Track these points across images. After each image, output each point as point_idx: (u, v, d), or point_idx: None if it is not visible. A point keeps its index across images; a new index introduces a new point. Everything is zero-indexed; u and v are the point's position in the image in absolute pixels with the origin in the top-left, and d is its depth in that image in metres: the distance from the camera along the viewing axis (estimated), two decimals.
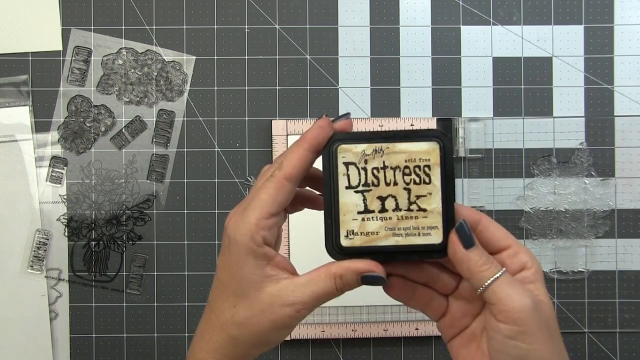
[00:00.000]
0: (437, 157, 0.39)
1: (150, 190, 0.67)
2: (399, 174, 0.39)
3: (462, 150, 0.67)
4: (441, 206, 0.39)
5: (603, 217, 0.68)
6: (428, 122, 0.67)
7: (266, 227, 0.40)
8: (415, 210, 0.39)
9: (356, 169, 0.40)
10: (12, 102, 0.67)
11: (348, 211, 0.40)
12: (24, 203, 0.67)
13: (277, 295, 0.40)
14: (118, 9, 0.68)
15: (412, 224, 0.39)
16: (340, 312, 0.65)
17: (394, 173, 0.39)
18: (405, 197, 0.39)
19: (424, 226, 0.39)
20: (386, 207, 0.40)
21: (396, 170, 0.39)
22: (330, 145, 0.40)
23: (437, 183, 0.39)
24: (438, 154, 0.39)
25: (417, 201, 0.39)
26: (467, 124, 0.67)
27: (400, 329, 0.65)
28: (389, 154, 0.39)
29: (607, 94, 0.68)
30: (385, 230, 0.40)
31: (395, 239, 0.40)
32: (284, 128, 0.66)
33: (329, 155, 0.40)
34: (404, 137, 0.40)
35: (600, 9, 0.68)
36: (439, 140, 0.39)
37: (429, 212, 0.39)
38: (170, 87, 0.67)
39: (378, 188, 0.40)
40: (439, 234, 0.39)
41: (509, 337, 0.37)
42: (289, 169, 0.40)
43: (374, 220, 0.40)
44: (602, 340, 0.67)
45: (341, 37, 0.68)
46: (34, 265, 0.66)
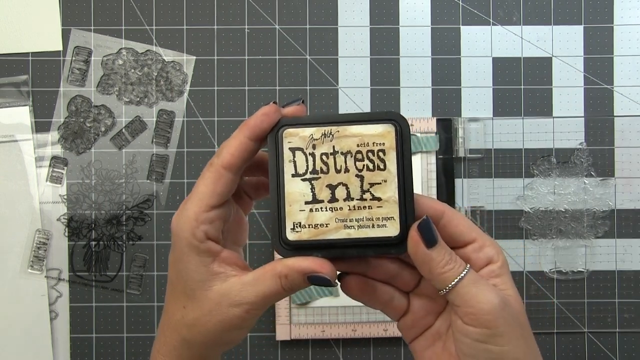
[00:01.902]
0: (393, 141, 0.35)
1: (150, 190, 0.67)
2: (350, 160, 0.36)
3: (462, 151, 0.67)
4: (398, 195, 0.35)
5: (603, 217, 0.68)
6: (428, 122, 0.67)
7: (207, 220, 0.37)
8: (369, 199, 0.35)
9: (303, 155, 0.36)
10: (12, 102, 0.67)
11: (295, 201, 0.36)
12: (24, 203, 0.67)
13: (224, 294, 0.37)
14: (118, 9, 0.68)
15: (366, 215, 0.35)
16: (340, 312, 0.65)
17: (345, 159, 0.36)
18: (358, 185, 0.36)
19: (378, 217, 0.35)
20: (336, 197, 0.36)
21: (347, 155, 0.36)
22: (277, 129, 0.36)
23: (393, 169, 0.35)
24: (394, 137, 0.35)
25: (371, 189, 0.35)
26: (466, 124, 0.67)
27: None
28: (339, 137, 0.36)
29: (606, 94, 0.68)
30: (336, 222, 0.36)
31: (347, 232, 0.36)
32: None
33: (275, 140, 0.36)
34: (356, 119, 0.36)
35: (600, 9, 0.68)
36: (395, 122, 0.36)
37: (384, 201, 0.35)
38: (170, 87, 0.68)
39: (327, 175, 0.36)
40: (395, 226, 0.35)
41: (478, 341, 0.35)
42: (227, 157, 0.37)
43: (323, 210, 0.36)
44: (602, 340, 0.67)
45: (341, 37, 0.68)
46: (34, 265, 0.66)
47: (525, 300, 0.67)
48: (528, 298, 0.67)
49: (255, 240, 0.67)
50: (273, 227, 0.36)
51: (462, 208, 0.67)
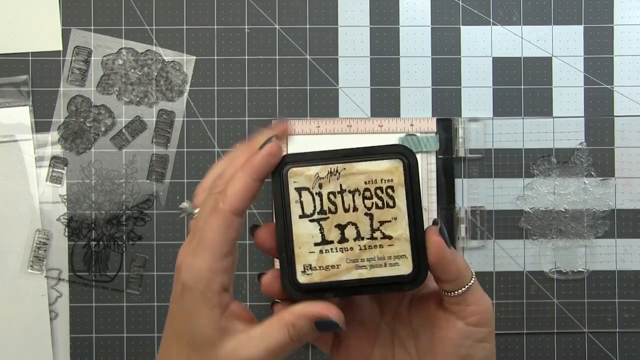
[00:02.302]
0: (401, 177, 0.34)
1: (150, 190, 0.67)
2: (358, 198, 0.35)
3: (462, 150, 0.67)
4: (408, 232, 0.35)
5: (603, 217, 0.68)
6: (428, 122, 0.67)
7: (221, 270, 0.35)
8: (380, 238, 0.35)
9: (310, 195, 0.35)
10: (12, 102, 0.67)
11: (304, 243, 0.35)
12: (24, 203, 0.67)
13: (232, 351, 0.36)
14: (118, 9, 0.68)
15: (377, 254, 0.35)
16: None
17: (353, 197, 0.35)
18: (368, 224, 0.35)
19: (390, 255, 0.35)
20: (346, 237, 0.35)
21: (355, 193, 0.35)
22: (280, 168, 0.35)
23: (403, 206, 0.35)
24: (402, 172, 0.34)
25: (381, 228, 0.35)
26: (466, 124, 0.67)
27: None
28: (346, 175, 0.35)
29: (606, 94, 0.68)
30: (347, 262, 0.35)
31: (359, 272, 0.35)
32: None
33: (280, 180, 0.36)
34: (363, 155, 0.35)
35: (600, 9, 0.68)
36: (402, 157, 0.35)
37: (395, 239, 0.35)
38: (170, 87, 0.68)
39: (336, 215, 0.35)
40: (408, 263, 0.35)
41: (478, 340, 0.35)
42: (235, 203, 0.35)
43: (334, 251, 0.35)
44: (602, 340, 0.67)
45: (341, 37, 0.68)
46: (34, 265, 0.66)
47: (525, 300, 0.67)
48: (528, 298, 0.67)
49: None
50: (282, 269, 0.36)
51: (462, 208, 0.67)
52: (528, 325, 0.67)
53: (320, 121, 0.67)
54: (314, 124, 0.67)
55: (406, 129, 0.67)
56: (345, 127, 0.67)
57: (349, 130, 0.67)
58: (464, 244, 0.67)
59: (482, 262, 0.67)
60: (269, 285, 0.37)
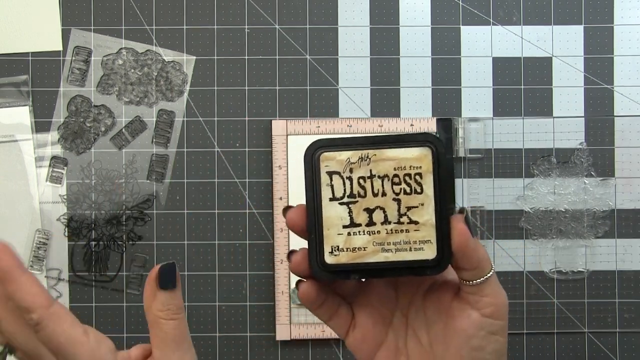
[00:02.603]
0: (430, 164, 0.36)
1: (150, 190, 0.67)
2: (387, 184, 0.36)
3: (462, 151, 0.67)
4: (434, 218, 0.36)
5: (603, 217, 0.68)
6: (428, 122, 0.67)
7: None
8: (406, 223, 0.36)
9: (341, 179, 0.36)
10: (12, 102, 0.67)
11: (332, 225, 0.36)
12: (24, 203, 0.67)
13: None
14: (118, 9, 0.68)
15: (403, 238, 0.36)
16: None
17: (382, 182, 0.36)
18: (395, 209, 0.36)
19: (415, 240, 0.36)
20: (374, 220, 0.36)
21: (384, 179, 0.36)
22: (313, 152, 0.37)
23: (430, 192, 0.36)
24: (430, 160, 0.36)
25: (408, 213, 0.36)
26: (467, 124, 0.67)
27: None
28: (377, 161, 0.36)
29: (606, 94, 0.68)
30: (374, 245, 0.36)
31: (384, 255, 0.36)
32: (283, 128, 0.66)
33: (312, 164, 0.37)
34: (393, 142, 0.36)
35: (600, 9, 0.68)
36: (431, 145, 0.36)
37: (421, 224, 0.36)
38: (170, 87, 0.68)
39: (365, 199, 0.36)
40: (432, 249, 0.36)
41: (492, 333, 0.36)
42: None
43: (361, 234, 0.36)
44: (602, 340, 0.67)
45: (341, 37, 0.68)
46: (34, 265, 0.66)
47: (525, 300, 0.67)
48: (528, 298, 0.67)
49: (255, 240, 0.67)
50: (310, 250, 0.36)
51: (462, 208, 0.67)
52: (528, 325, 0.67)
53: (320, 121, 0.67)
54: (314, 124, 0.67)
55: (406, 129, 0.67)
56: (345, 127, 0.67)
57: (349, 130, 0.67)
58: None
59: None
60: (298, 264, 0.37)
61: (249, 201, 0.67)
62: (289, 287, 0.65)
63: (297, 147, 0.66)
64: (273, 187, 0.66)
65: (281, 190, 0.66)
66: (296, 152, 0.66)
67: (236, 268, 0.67)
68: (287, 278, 0.65)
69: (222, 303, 0.67)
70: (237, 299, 0.67)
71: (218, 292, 0.67)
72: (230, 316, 0.67)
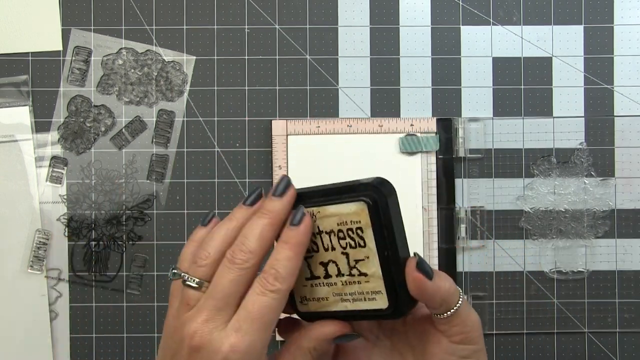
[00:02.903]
0: (367, 218, 0.35)
1: (150, 190, 0.67)
2: (334, 239, 0.37)
3: (462, 151, 0.67)
4: (380, 270, 0.35)
5: (603, 217, 0.68)
6: (428, 122, 0.67)
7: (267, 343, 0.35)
8: (357, 275, 0.36)
9: None
10: (12, 102, 0.67)
11: (299, 277, 0.37)
12: (24, 203, 0.67)
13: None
14: (118, 9, 0.68)
15: (357, 289, 0.37)
16: None
17: (329, 237, 0.37)
18: (345, 262, 0.37)
19: (367, 291, 0.36)
20: (329, 273, 0.37)
21: (331, 234, 0.37)
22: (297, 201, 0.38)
23: (372, 246, 0.35)
24: (367, 214, 0.35)
25: (357, 265, 0.36)
26: (466, 124, 0.67)
27: None
28: (322, 218, 0.37)
29: (607, 94, 0.68)
30: (333, 295, 0.37)
31: (344, 304, 0.37)
32: (283, 128, 0.66)
33: None
34: (334, 197, 0.36)
35: (600, 9, 0.68)
36: (367, 198, 0.35)
37: (369, 276, 0.36)
38: (170, 87, 0.68)
39: (318, 254, 0.37)
40: (383, 299, 0.36)
41: (463, 357, 0.37)
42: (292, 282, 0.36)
43: (321, 285, 0.38)
44: (602, 340, 0.67)
45: (341, 37, 0.68)
46: (34, 265, 0.66)
47: (525, 300, 0.67)
48: (528, 298, 0.67)
49: None
50: (290, 299, 0.39)
51: (462, 208, 0.67)
52: (528, 325, 0.67)
53: (320, 121, 0.67)
54: (314, 124, 0.67)
55: (406, 129, 0.67)
56: (345, 127, 0.67)
57: (349, 130, 0.67)
58: (464, 244, 0.67)
59: (482, 262, 0.67)
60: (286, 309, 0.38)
61: None
62: None
63: (297, 147, 0.66)
64: None
65: None
66: (296, 152, 0.66)
67: None
68: None
69: None
70: None
71: None
72: None
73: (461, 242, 0.67)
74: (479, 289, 0.67)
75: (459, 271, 0.67)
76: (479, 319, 0.38)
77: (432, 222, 0.66)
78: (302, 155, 0.66)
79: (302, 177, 0.66)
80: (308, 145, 0.66)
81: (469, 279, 0.67)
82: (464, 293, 0.65)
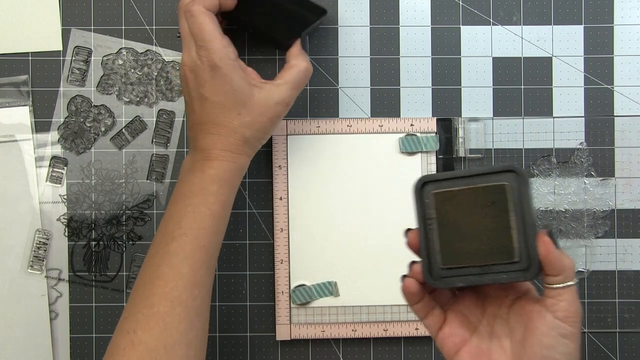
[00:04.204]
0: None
1: (150, 190, 0.67)
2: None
3: (462, 150, 0.67)
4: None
5: (603, 217, 0.68)
6: (428, 122, 0.67)
7: (228, 44, 0.53)
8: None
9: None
10: (12, 102, 0.67)
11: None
12: (24, 203, 0.67)
13: (267, 98, 0.54)
14: (118, 9, 0.68)
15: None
16: (340, 312, 0.65)
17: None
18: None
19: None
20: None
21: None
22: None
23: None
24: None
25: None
26: (466, 124, 0.67)
27: (400, 329, 0.65)
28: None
29: (607, 94, 0.68)
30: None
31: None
32: (283, 128, 0.66)
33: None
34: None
35: (600, 9, 0.68)
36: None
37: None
38: (170, 87, 0.68)
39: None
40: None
41: (562, 335, 0.42)
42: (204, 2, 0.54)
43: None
44: (602, 340, 0.67)
45: (341, 37, 0.68)
46: (34, 265, 0.66)
47: None
48: None
49: (255, 240, 0.67)
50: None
51: None
52: None
53: (320, 121, 0.67)
54: (314, 124, 0.67)
55: (406, 129, 0.67)
56: (345, 127, 0.67)
57: (349, 130, 0.67)
58: None
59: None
60: (416, 273, 0.46)
61: (249, 201, 0.67)
62: (289, 287, 0.65)
63: (297, 147, 0.66)
64: (273, 187, 0.66)
65: (281, 190, 0.66)
66: (296, 152, 0.66)
67: (236, 268, 0.67)
68: (287, 278, 0.65)
69: (222, 303, 0.67)
70: (237, 299, 0.67)
71: (218, 292, 0.67)
72: (230, 316, 0.67)
73: None
74: None
75: None
76: (582, 309, 0.43)
77: None
78: (302, 155, 0.66)
79: (302, 177, 0.66)
80: (308, 145, 0.66)
81: None
82: None
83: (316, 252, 0.66)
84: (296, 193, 0.66)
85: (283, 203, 0.65)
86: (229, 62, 0.52)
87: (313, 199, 0.66)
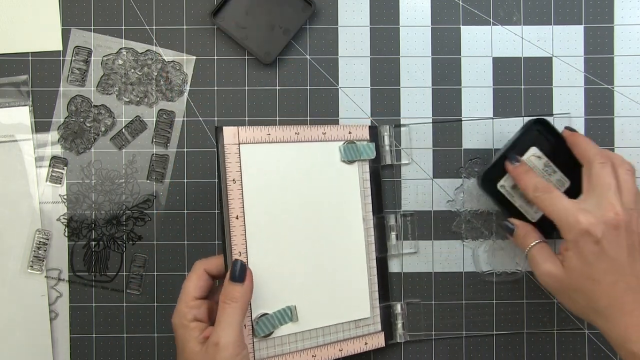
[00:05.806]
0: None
1: (150, 190, 0.67)
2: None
3: (388, 158, 0.66)
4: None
5: None
6: (362, 130, 0.66)
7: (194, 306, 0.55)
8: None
9: None
10: (12, 102, 0.67)
11: None
12: (24, 203, 0.67)
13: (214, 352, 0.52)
14: (118, 9, 0.68)
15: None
16: (299, 339, 0.61)
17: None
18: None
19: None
20: None
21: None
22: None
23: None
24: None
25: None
26: (392, 130, 0.67)
27: (353, 346, 0.63)
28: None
29: (607, 94, 0.68)
30: None
31: None
32: (235, 135, 0.60)
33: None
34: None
35: (600, 9, 0.68)
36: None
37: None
38: (170, 87, 0.68)
39: None
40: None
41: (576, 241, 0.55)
42: None
43: None
44: (602, 340, 0.67)
45: (341, 37, 0.68)
46: (34, 265, 0.66)
47: (525, 300, 0.67)
48: (528, 298, 0.67)
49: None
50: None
51: (391, 215, 0.67)
52: (528, 325, 0.67)
53: (270, 129, 0.61)
54: (265, 132, 0.61)
55: (345, 136, 0.64)
56: (293, 134, 0.62)
57: (297, 138, 0.62)
58: (396, 251, 0.67)
59: (482, 262, 0.67)
60: None
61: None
62: (251, 318, 0.58)
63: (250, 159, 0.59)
64: (229, 205, 0.58)
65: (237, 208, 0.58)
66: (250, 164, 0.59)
67: None
68: (249, 308, 0.58)
69: None
70: None
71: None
72: None
73: (393, 249, 0.66)
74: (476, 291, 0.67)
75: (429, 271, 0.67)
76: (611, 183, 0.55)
77: (369, 232, 0.65)
78: (257, 168, 0.60)
79: (257, 186, 0.59)
80: (261, 156, 0.60)
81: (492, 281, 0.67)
82: (435, 299, 0.65)
83: (274, 275, 0.60)
84: (252, 210, 0.59)
85: (239, 223, 0.58)
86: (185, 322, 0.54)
87: (268, 217, 0.60)
